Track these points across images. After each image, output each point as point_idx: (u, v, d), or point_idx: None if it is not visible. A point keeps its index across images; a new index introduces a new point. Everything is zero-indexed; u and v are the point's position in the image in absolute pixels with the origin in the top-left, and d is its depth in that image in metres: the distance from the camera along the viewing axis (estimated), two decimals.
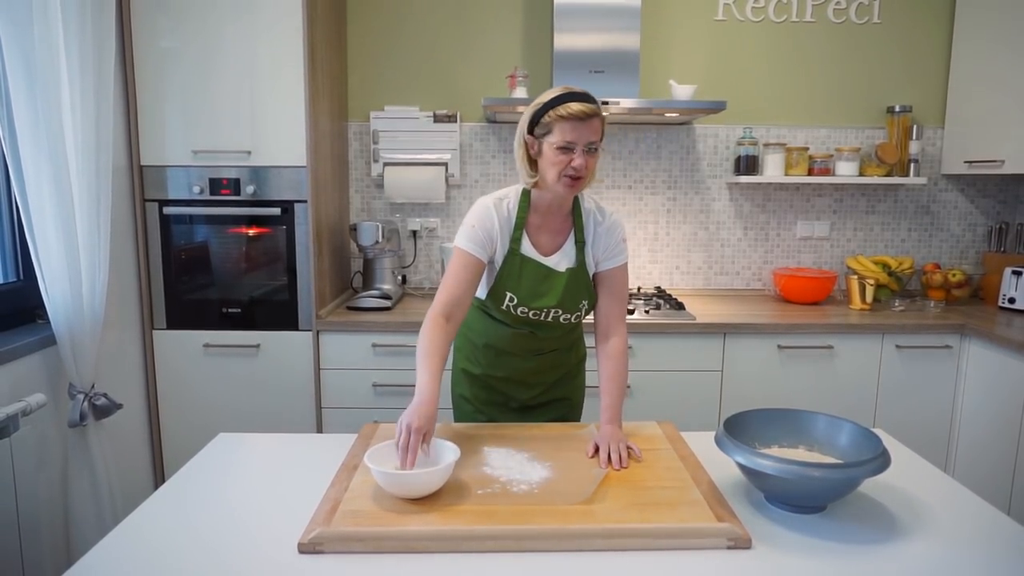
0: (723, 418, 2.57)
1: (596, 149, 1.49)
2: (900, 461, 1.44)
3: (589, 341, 1.86)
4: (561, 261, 1.60)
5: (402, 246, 3.04)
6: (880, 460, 1.17)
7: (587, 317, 1.67)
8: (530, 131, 1.52)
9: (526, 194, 1.59)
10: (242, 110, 2.44)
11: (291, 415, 2.57)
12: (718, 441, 1.26)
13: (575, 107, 1.45)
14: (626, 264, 1.65)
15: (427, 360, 1.42)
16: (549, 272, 1.59)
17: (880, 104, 3.07)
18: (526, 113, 1.53)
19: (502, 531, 1.11)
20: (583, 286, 1.61)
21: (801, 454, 1.32)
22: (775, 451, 1.31)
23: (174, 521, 1.19)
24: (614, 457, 1.37)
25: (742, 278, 3.18)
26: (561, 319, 1.62)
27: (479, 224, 1.56)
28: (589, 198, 1.64)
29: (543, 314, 1.60)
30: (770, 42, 3.03)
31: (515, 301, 1.59)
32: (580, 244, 1.61)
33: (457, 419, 1.79)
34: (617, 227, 1.63)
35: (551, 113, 1.47)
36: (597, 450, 1.41)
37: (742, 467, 1.22)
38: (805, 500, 1.21)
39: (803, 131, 3.09)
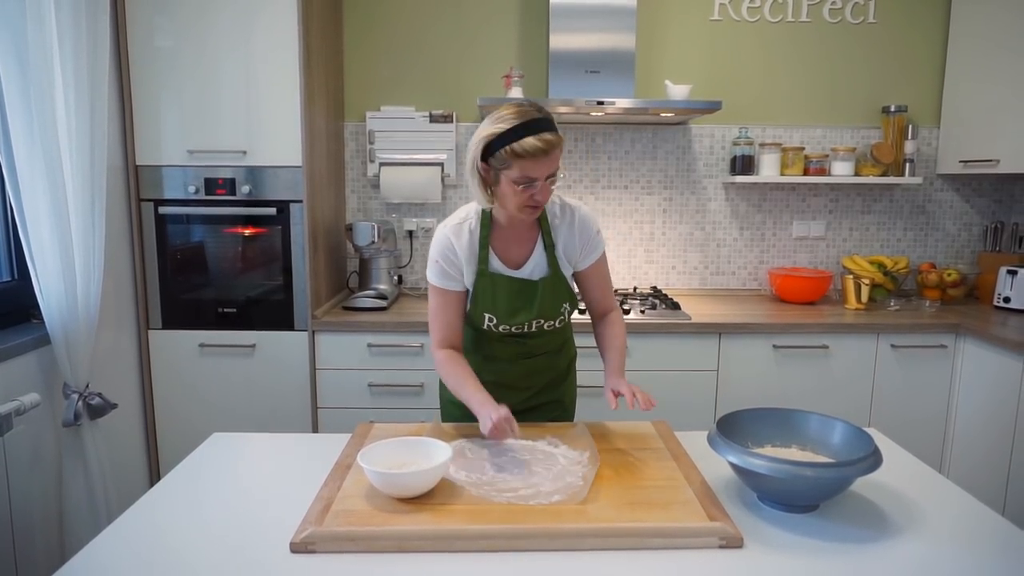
0: (719, 418, 2.58)
1: (557, 177, 1.43)
2: (893, 461, 1.44)
3: (579, 341, 1.86)
4: (535, 270, 1.58)
5: (398, 246, 3.04)
6: (872, 459, 1.17)
7: (573, 317, 1.67)
8: (484, 158, 1.43)
9: (485, 212, 1.55)
10: (238, 110, 2.44)
11: (287, 415, 2.57)
12: (711, 440, 1.26)
13: (532, 144, 1.36)
14: (605, 254, 1.64)
15: (466, 385, 1.49)
16: (523, 284, 1.56)
17: (876, 104, 3.08)
18: (478, 140, 1.43)
19: (494, 530, 1.11)
20: (561, 291, 1.59)
21: (794, 453, 1.33)
22: (768, 450, 1.32)
23: (166, 520, 1.19)
24: (640, 397, 1.40)
25: (738, 278, 3.19)
26: (545, 327, 1.62)
27: (441, 258, 1.55)
28: (555, 201, 1.59)
29: (525, 326, 1.59)
30: (766, 42, 3.03)
31: (495, 321, 1.58)
32: (550, 248, 1.57)
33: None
34: (588, 221, 1.59)
35: (507, 149, 1.38)
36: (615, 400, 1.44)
37: (734, 466, 1.22)
38: (797, 499, 1.22)
39: (799, 131, 3.10)
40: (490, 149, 1.42)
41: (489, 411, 1.38)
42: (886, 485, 1.33)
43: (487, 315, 1.58)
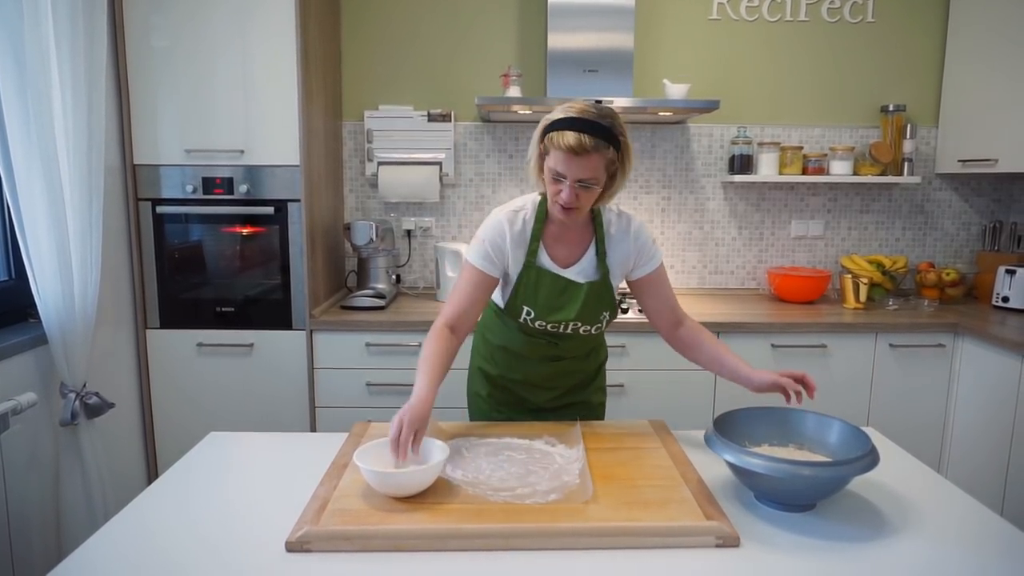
0: (716, 417, 2.57)
1: (591, 187, 1.40)
2: (891, 460, 1.44)
3: (610, 340, 1.85)
4: (580, 273, 1.55)
5: (396, 245, 3.04)
6: (869, 458, 1.17)
7: (608, 328, 1.64)
8: (541, 140, 1.45)
9: (543, 204, 1.52)
10: (235, 109, 2.44)
11: (285, 414, 2.57)
12: (708, 440, 1.26)
13: (569, 139, 1.35)
14: (663, 265, 1.59)
15: (424, 365, 1.41)
16: (568, 285, 1.54)
17: (874, 103, 3.08)
18: (543, 121, 1.44)
19: (490, 530, 1.10)
20: (605, 299, 1.56)
21: (791, 452, 1.32)
22: (765, 449, 1.31)
23: (163, 519, 1.19)
24: (807, 386, 1.37)
25: (736, 277, 3.18)
26: (581, 331, 1.58)
27: (489, 240, 1.52)
28: (612, 209, 1.57)
29: (561, 327, 1.56)
30: (764, 41, 3.03)
31: (532, 315, 1.55)
32: (601, 255, 1.55)
33: (472, 417, 1.77)
34: (643, 230, 1.57)
35: (551, 136, 1.39)
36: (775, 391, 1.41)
37: (732, 466, 1.22)
38: (794, 498, 1.21)
39: (797, 130, 3.09)
40: (544, 133, 1.43)
41: (409, 405, 1.30)
42: (884, 484, 1.33)
43: (526, 307, 1.55)
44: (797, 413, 1.37)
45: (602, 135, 1.37)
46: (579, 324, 1.55)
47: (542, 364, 1.65)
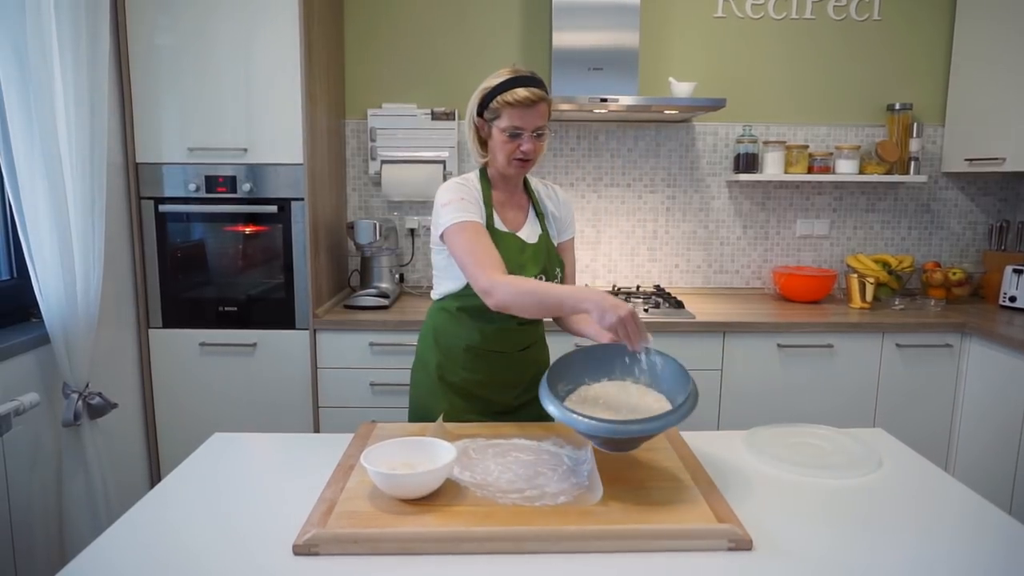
0: (724, 419, 2.55)
1: (543, 134, 1.55)
2: (899, 460, 1.43)
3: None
4: (530, 234, 1.66)
5: (400, 244, 3.02)
6: (676, 413, 1.19)
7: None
8: (479, 114, 1.58)
9: (483, 173, 1.65)
10: (238, 108, 2.42)
11: (288, 414, 2.56)
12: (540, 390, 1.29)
13: (522, 93, 1.50)
14: (574, 239, 1.76)
15: (547, 287, 1.40)
16: (523, 244, 1.63)
17: (880, 102, 3.06)
18: (475, 95, 1.58)
19: (500, 532, 1.09)
20: (554, 254, 1.68)
21: (625, 387, 1.36)
22: (603, 385, 1.37)
23: (168, 522, 1.18)
24: (633, 337, 1.31)
25: (742, 276, 3.17)
26: None
27: (466, 195, 1.57)
28: (533, 178, 1.73)
29: None
30: (770, 39, 3.01)
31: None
32: (541, 216, 1.69)
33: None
34: (569, 204, 1.76)
35: (499, 99, 1.52)
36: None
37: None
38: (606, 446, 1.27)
39: (803, 129, 3.08)
40: (484, 103, 1.56)
41: (602, 296, 1.29)
42: (893, 485, 1.31)
43: None
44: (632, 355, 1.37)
45: (542, 87, 1.54)
46: (544, 278, 1.62)
47: (506, 356, 1.68)
